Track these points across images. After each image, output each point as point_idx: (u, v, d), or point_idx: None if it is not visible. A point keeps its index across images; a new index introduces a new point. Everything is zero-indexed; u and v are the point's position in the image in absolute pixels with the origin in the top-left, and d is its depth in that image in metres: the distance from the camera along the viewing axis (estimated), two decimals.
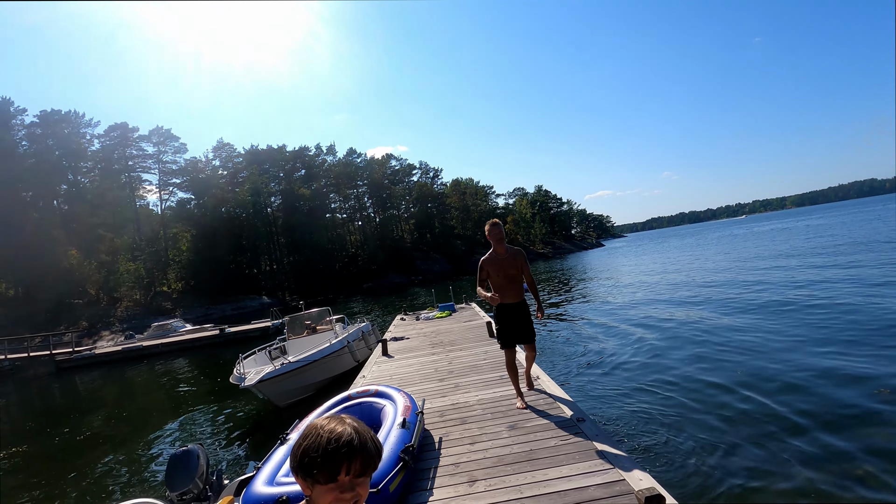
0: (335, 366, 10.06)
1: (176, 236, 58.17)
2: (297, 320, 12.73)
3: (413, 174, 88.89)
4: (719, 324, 10.81)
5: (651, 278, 24.50)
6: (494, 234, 4.51)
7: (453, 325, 10.98)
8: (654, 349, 9.31)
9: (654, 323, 12.10)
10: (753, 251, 31.04)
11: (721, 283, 18.00)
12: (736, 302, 13.37)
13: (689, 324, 11.28)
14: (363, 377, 6.84)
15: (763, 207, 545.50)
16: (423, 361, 7.36)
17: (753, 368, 7.23)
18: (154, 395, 14.24)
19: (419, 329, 11.42)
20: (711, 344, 9.05)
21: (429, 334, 10.24)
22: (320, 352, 9.69)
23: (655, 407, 6.15)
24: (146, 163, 60.35)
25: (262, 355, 11.43)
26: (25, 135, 50.90)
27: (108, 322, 41.25)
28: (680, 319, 12.02)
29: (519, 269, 4.56)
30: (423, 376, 6.38)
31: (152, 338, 26.27)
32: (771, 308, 11.75)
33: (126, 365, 21.99)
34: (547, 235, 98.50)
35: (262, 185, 65.33)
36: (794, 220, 76.55)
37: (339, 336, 11.38)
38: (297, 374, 9.03)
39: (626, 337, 10.87)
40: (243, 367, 9.17)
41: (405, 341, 9.78)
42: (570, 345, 10.97)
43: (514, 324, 4.60)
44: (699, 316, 12.14)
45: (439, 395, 5.32)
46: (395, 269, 70.52)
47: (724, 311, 12.22)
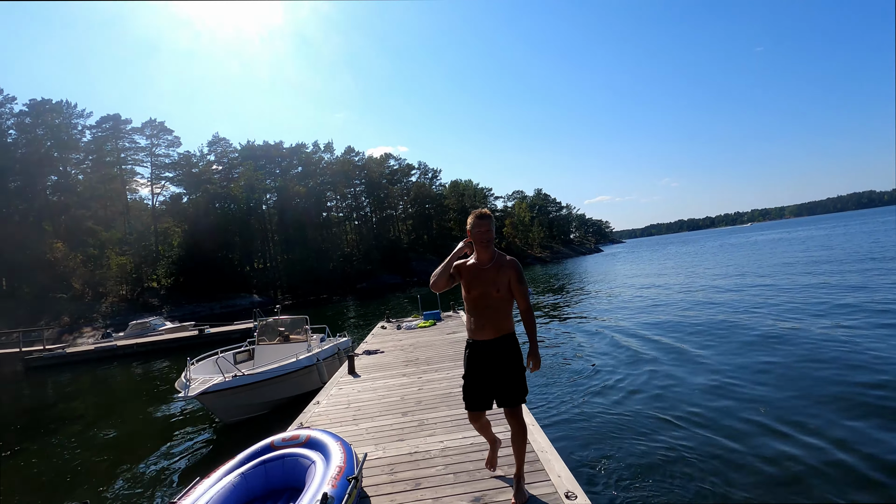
0: (297, 385, 9.02)
1: (167, 231, 56.99)
2: (270, 326, 11.70)
3: (412, 174, 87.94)
4: (738, 342, 9.79)
5: (654, 288, 23.50)
6: (480, 234, 3.02)
7: (435, 338, 9.94)
8: (665, 372, 8.27)
9: (663, 339, 11.08)
10: (779, 259, 30.09)
11: (740, 298, 17.01)
12: (756, 319, 12.37)
13: (704, 341, 10.25)
14: (316, 403, 5.80)
15: (762, 217, 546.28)
16: (391, 385, 6.31)
17: (784, 403, 6.20)
18: (110, 400, 13.15)
19: (397, 340, 10.38)
20: (730, 367, 8.02)
21: (406, 348, 9.20)
22: (281, 368, 8.67)
23: (677, 461, 5.09)
24: (138, 156, 59.20)
25: (223, 359, 10.40)
26: (14, 123, 49.69)
27: (91, 318, 40.09)
28: (690, 334, 10.99)
29: (506, 287, 3.00)
30: (385, 407, 5.34)
31: (130, 336, 25.19)
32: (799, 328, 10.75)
33: (98, 365, 20.92)
34: (545, 239, 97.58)
35: (257, 182, 64.22)
36: (805, 230, 75.42)
37: (312, 350, 10.37)
38: (250, 389, 7.99)
39: (631, 356, 9.84)
40: (190, 372, 8.12)
41: (378, 356, 8.73)
42: (565, 362, 9.93)
43: (487, 373, 2.99)
44: (710, 331, 11.13)
45: (396, 438, 4.29)
46: (391, 270, 69.46)
47: (744, 329, 11.21)
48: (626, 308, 17.44)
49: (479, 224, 3.01)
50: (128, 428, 9.70)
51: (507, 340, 3.01)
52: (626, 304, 18.77)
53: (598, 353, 10.49)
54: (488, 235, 3.00)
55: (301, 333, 11.57)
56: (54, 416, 11.94)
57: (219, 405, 7.74)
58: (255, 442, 3.71)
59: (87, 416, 11.28)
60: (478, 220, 3.03)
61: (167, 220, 58.94)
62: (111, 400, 13.26)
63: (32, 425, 11.11)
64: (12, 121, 49.46)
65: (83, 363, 21.51)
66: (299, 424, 4.97)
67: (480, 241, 3.02)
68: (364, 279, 65.96)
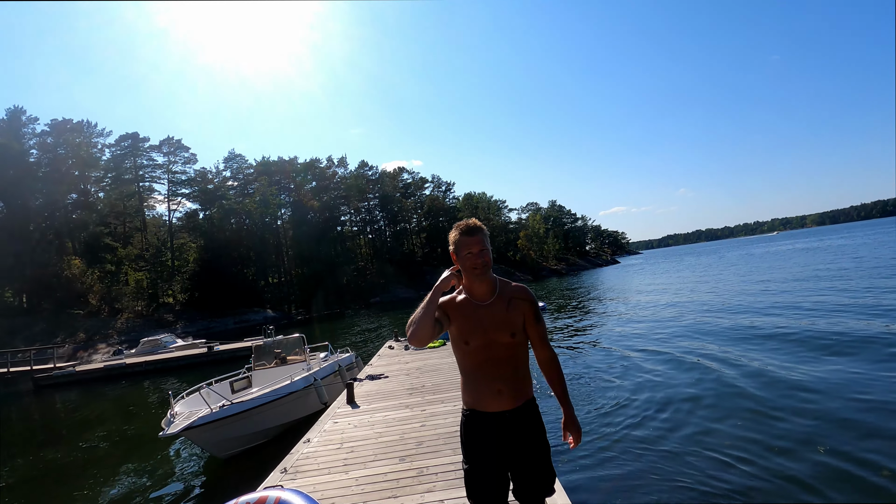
0: (294, 409, 8.43)
1: (182, 247, 57.48)
2: (264, 349, 11.16)
3: (425, 187, 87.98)
4: (777, 366, 8.93)
5: (678, 301, 22.49)
6: (470, 257, 2.01)
7: (443, 360, 9.26)
8: (701, 403, 7.45)
9: (691, 361, 10.24)
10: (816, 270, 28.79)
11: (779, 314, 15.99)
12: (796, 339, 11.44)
13: (739, 365, 9.39)
14: (306, 442, 5.17)
15: (782, 226, 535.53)
16: (391, 419, 5.66)
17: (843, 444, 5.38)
18: (106, 424, 12.68)
19: (404, 363, 9.73)
20: (779, 400, 7.19)
21: (412, 372, 8.55)
22: (274, 392, 8.08)
23: None
24: (155, 173, 60.08)
25: (212, 389, 9.88)
26: (37, 143, 50.82)
27: (106, 334, 40.23)
28: (724, 359, 10.12)
29: (520, 328, 2.05)
30: (382, 448, 4.69)
31: (141, 354, 24.98)
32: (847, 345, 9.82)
33: (107, 384, 20.67)
34: (560, 252, 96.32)
35: (272, 197, 64.66)
36: (837, 238, 72.75)
37: (311, 370, 9.78)
38: (241, 419, 7.40)
39: (660, 383, 9.02)
40: (174, 408, 7.56)
41: (381, 381, 8.09)
42: (591, 388, 9.16)
43: (503, 458, 2.04)
44: (742, 354, 10.25)
45: (389, 495, 3.63)
46: (405, 283, 69.00)
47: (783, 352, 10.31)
48: (654, 324, 16.54)
49: (467, 242, 1.99)
50: (116, 459, 9.16)
51: (529, 409, 2.07)
52: (658, 320, 17.85)
53: (630, 375, 9.69)
54: (483, 258, 1.99)
55: (299, 353, 11.01)
56: (47, 440, 11.50)
57: (208, 440, 7.16)
58: (249, 477, 3.07)
59: (76, 443, 10.79)
60: (463, 235, 2.01)
61: (183, 236, 59.55)
62: (107, 424, 12.81)
63: (24, 445, 10.67)
64: (34, 140, 50.57)
65: (92, 382, 21.29)
66: (283, 470, 4.35)
67: (472, 267, 1.99)
68: (378, 293, 65.58)
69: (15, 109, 49.32)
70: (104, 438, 11.03)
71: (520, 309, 2.03)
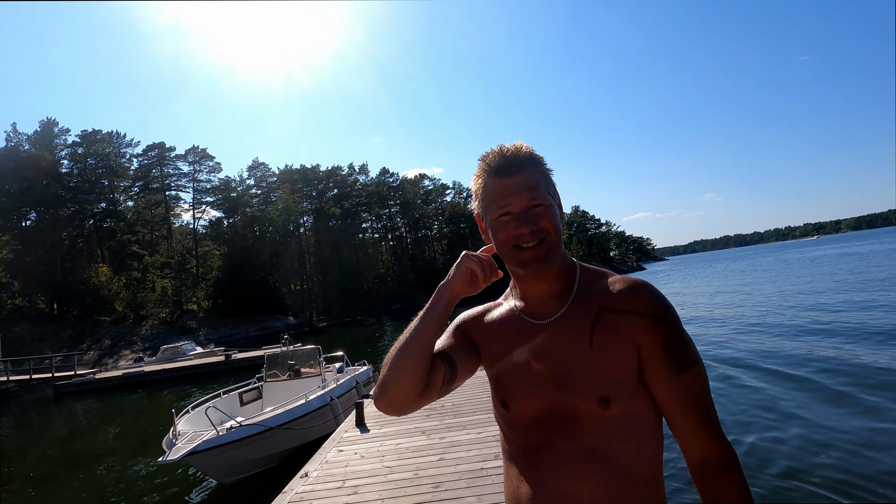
0: (307, 431, 7.68)
1: (207, 255, 58.12)
2: (277, 360, 10.48)
3: (446, 194, 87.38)
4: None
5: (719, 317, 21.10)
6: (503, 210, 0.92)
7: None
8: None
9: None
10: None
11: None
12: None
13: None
14: (304, 476, 4.38)
15: (815, 231, 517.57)
16: (403, 449, 4.83)
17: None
18: (117, 436, 12.20)
19: None
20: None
21: None
22: (288, 413, 7.36)
23: None
24: (181, 181, 61.08)
25: (220, 405, 9.24)
26: (68, 154, 52.18)
27: (131, 341, 40.62)
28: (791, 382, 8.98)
29: (621, 381, 0.88)
30: (389, 490, 3.86)
31: (160, 361, 24.83)
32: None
33: (126, 392, 20.47)
34: (584, 258, 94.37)
35: (294, 205, 65.03)
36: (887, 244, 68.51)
37: (327, 387, 9.05)
38: (249, 444, 6.67)
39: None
40: (178, 427, 6.86)
41: None
42: None
43: None
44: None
45: None
46: (426, 290, 68.09)
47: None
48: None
49: (502, 190, 0.93)
50: (116, 477, 8.57)
51: None
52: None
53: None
54: (538, 222, 0.90)
55: (314, 366, 10.29)
56: (54, 456, 11.02)
57: (213, 465, 6.46)
58: None
59: (82, 458, 10.28)
60: (492, 177, 0.95)
61: (207, 244, 60.26)
62: (118, 436, 12.33)
63: (25, 460, 10.21)
64: (66, 151, 51.92)
65: (111, 390, 21.12)
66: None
67: (513, 246, 0.93)
68: (399, 300, 65.08)
69: (48, 121, 50.82)
70: (108, 453, 10.52)
71: (628, 337, 0.89)
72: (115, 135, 57.83)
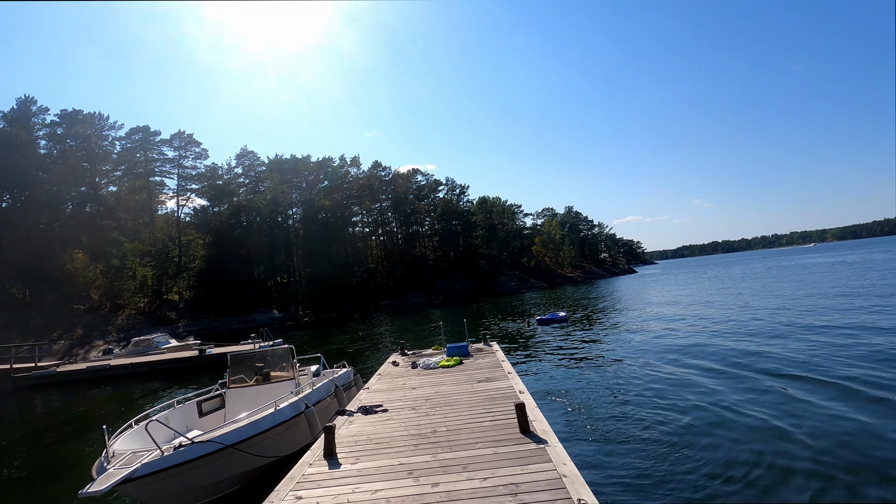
0: (277, 445, 6.44)
1: (190, 244, 56.22)
2: (243, 362, 9.18)
3: (439, 190, 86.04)
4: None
5: (712, 320, 20.15)
6: None
7: (460, 387, 7.20)
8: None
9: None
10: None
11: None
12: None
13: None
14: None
15: (802, 240, 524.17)
16: (381, 498, 3.61)
17: None
18: (48, 440, 10.79)
19: (409, 389, 7.67)
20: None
21: (419, 403, 6.49)
22: (252, 426, 6.11)
23: None
24: (165, 167, 59.03)
25: (181, 412, 7.97)
26: (46, 134, 49.98)
27: (105, 331, 38.84)
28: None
29: None
30: None
31: (131, 354, 23.32)
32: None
33: (90, 386, 18.99)
34: (576, 259, 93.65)
35: (283, 195, 63.31)
36: (880, 253, 68.61)
37: (301, 392, 7.81)
38: (202, 465, 5.40)
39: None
40: (112, 448, 5.56)
41: (377, 417, 6.04)
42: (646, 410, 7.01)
43: None
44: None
45: None
46: (416, 287, 67.08)
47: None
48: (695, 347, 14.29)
49: None
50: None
51: None
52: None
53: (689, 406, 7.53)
54: None
55: (286, 369, 9.00)
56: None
57: (155, 495, 5.17)
58: None
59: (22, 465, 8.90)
60: None
61: (191, 232, 58.32)
62: (49, 448, 10.93)
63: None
64: (44, 131, 49.73)
65: (73, 384, 19.64)
66: None
67: None
68: (388, 296, 63.70)
69: (25, 99, 48.59)
70: (23, 482, 9.13)
71: None
72: (97, 116, 55.68)
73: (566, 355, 14.60)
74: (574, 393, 9.50)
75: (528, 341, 18.48)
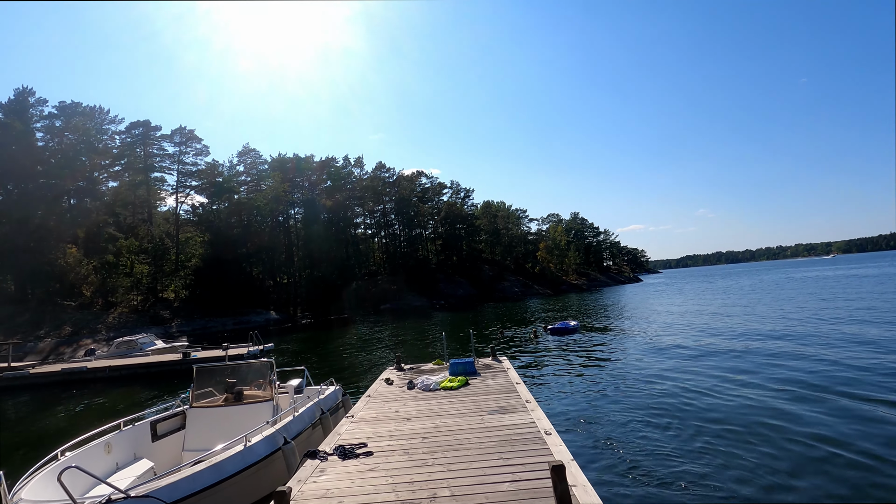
0: (244, 492, 5.08)
1: (188, 241, 54.96)
2: (211, 376, 7.82)
3: (443, 193, 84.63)
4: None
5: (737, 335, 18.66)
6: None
7: (466, 420, 5.77)
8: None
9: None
10: None
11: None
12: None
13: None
14: None
15: (807, 252, 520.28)
16: None
17: None
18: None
19: (403, 416, 6.24)
20: None
21: (414, 444, 5.07)
22: (213, 470, 4.75)
23: None
24: (165, 163, 57.88)
25: (130, 435, 6.62)
26: (44, 126, 48.91)
27: (95, 329, 37.53)
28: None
29: None
30: None
31: (113, 356, 21.99)
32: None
33: (62, 390, 17.65)
34: (581, 266, 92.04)
35: (284, 195, 62.08)
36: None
37: (280, 420, 6.44)
38: None
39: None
40: (11, 499, 4.20)
41: (358, 464, 4.60)
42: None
43: None
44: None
45: None
46: (417, 291, 65.60)
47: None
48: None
49: None
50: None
51: None
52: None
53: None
54: None
55: (264, 387, 7.61)
56: None
57: None
58: None
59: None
60: None
61: (189, 230, 57.09)
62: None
63: None
64: (41, 123, 48.68)
65: (48, 387, 18.32)
66: None
67: None
68: (388, 300, 62.30)
69: (23, 90, 47.59)
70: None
71: None
72: (97, 110, 54.70)
73: (590, 375, 13.12)
74: (614, 431, 7.88)
75: (539, 354, 17.00)
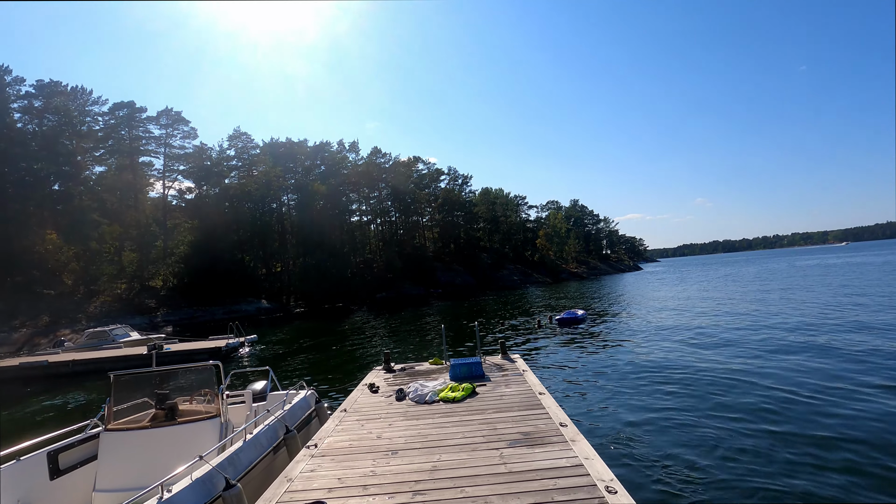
0: None
1: (176, 227, 52.96)
2: (134, 385, 6.05)
3: (441, 180, 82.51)
4: None
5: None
6: None
7: (477, 456, 4.03)
8: None
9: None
10: None
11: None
12: None
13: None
14: None
15: (803, 241, 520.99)
16: None
17: None
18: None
19: (386, 449, 4.49)
20: None
21: (402, 499, 3.32)
22: None
23: None
24: (151, 146, 55.58)
25: (16, 473, 4.89)
26: (21, 107, 46.58)
27: (75, 318, 35.73)
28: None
29: None
30: None
31: (83, 348, 20.29)
32: None
33: (22, 386, 15.97)
34: (581, 254, 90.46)
35: (277, 180, 59.99)
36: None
37: (227, 449, 4.75)
38: None
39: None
40: None
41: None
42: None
43: None
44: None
45: None
46: (414, 279, 63.93)
47: None
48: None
49: None
50: None
51: None
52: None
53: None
54: None
55: (209, 398, 5.84)
56: None
57: None
58: None
59: None
60: None
61: (177, 216, 55.05)
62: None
63: None
64: (19, 104, 46.33)
65: (4, 383, 16.59)
66: None
67: None
68: (384, 289, 60.59)
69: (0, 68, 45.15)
70: None
71: None
72: (79, 90, 52.25)
73: (620, 376, 11.46)
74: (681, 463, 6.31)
75: (547, 347, 15.30)
